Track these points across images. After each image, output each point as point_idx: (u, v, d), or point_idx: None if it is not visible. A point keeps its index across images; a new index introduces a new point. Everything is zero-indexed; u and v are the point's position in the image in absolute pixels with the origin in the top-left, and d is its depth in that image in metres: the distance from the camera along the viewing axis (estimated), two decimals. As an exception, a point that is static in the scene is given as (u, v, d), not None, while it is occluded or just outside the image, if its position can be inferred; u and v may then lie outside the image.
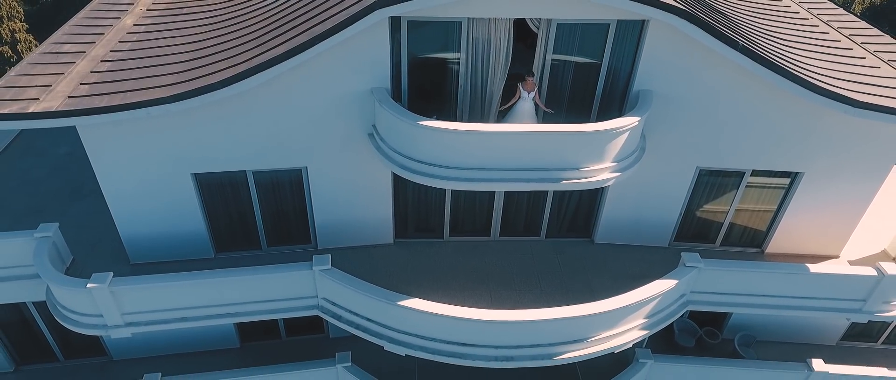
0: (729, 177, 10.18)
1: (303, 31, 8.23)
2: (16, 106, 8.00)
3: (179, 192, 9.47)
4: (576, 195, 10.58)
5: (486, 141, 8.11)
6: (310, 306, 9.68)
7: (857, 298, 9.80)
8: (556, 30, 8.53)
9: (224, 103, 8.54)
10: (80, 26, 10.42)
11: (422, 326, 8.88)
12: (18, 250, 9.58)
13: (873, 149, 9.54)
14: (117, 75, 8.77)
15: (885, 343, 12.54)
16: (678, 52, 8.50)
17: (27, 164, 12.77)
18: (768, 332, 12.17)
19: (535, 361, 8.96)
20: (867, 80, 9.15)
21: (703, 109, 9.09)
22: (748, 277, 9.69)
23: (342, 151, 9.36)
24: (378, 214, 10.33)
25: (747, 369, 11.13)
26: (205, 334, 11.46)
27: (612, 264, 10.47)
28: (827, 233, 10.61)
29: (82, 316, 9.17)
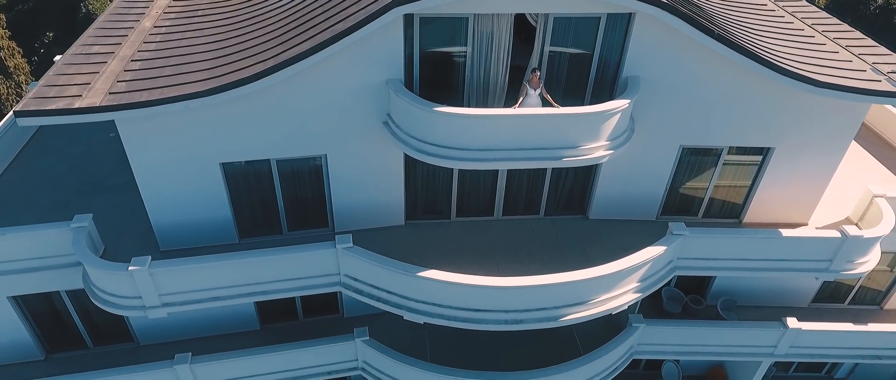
0: (708, 154, 11.24)
1: (325, 28, 9.03)
2: (62, 102, 8.67)
3: (208, 181, 10.18)
4: (571, 175, 11.56)
5: (494, 124, 9.02)
6: (332, 283, 10.50)
7: (825, 258, 10.96)
8: (554, 23, 9.48)
9: (252, 96, 9.29)
10: (103, 30, 11.04)
11: (438, 295, 9.75)
12: (55, 241, 10.22)
13: (834, 125, 10.68)
14: (150, 73, 9.47)
15: (851, 304, 13.80)
16: (662, 42, 9.51)
17: (45, 163, 13.29)
18: (747, 297, 13.34)
19: (542, 323, 9.91)
20: (828, 63, 10.29)
21: (685, 93, 10.12)
22: (728, 243, 10.79)
23: (359, 138, 10.17)
24: (391, 198, 11.16)
25: (730, 329, 12.28)
26: (227, 318, 12.18)
27: (605, 237, 11.45)
28: (796, 203, 11.75)
29: (121, 298, 9.84)
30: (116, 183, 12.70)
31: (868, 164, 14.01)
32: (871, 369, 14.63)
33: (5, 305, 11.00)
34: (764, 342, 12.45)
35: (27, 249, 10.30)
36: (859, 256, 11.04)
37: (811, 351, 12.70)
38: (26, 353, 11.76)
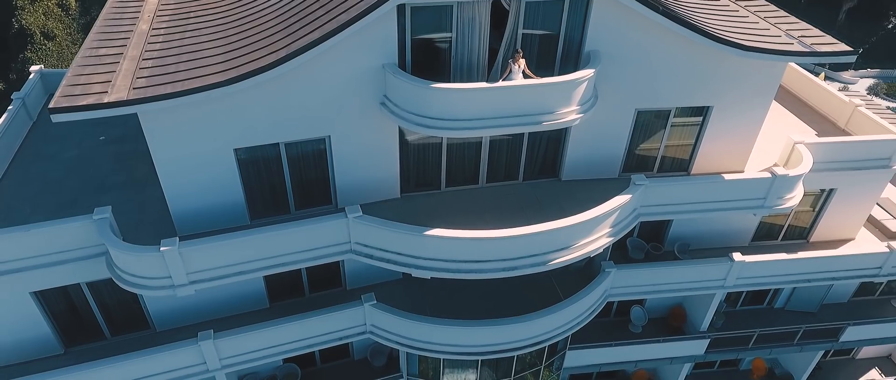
0: (659, 116, 13.04)
1: (328, 20, 10.16)
2: (91, 98, 9.43)
3: (222, 166, 11.10)
4: (544, 143, 13.10)
5: (484, 95, 10.41)
6: (344, 251, 11.63)
7: (760, 196, 12.99)
8: (526, 8, 10.96)
9: (263, 85, 10.28)
10: (104, 34, 11.71)
11: (443, 251, 11.07)
12: (77, 234, 10.86)
13: (759, 83, 12.67)
14: (165, 69, 10.32)
15: (783, 240, 16.05)
16: (616, 19, 11.15)
17: (41, 167, 13.70)
18: (698, 240, 15.34)
19: (534, 267, 11.40)
20: (751, 31, 12.25)
21: (637, 62, 11.82)
22: (681, 189, 12.65)
23: (359, 118, 11.33)
24: (387, 173, 12.37)
25: (686, 267, 14.21)
26: (239, 298, 13.05)
27: (578, 194, 13.04)
28: (733, 153, 13.74)
29: (151, 279, 10.63)
30: (117, 181, 13.31)
31: (788, 119, 16.35)
32: (804, 295, 16.95)
33: (28, 301, 11.50)
34: (715, 276, 14.45)
35: (50, 244, 10.88)
36: (787, 193, 13.14)
37: (754, 281, 14.82)
38: (47, 348, 12.25)
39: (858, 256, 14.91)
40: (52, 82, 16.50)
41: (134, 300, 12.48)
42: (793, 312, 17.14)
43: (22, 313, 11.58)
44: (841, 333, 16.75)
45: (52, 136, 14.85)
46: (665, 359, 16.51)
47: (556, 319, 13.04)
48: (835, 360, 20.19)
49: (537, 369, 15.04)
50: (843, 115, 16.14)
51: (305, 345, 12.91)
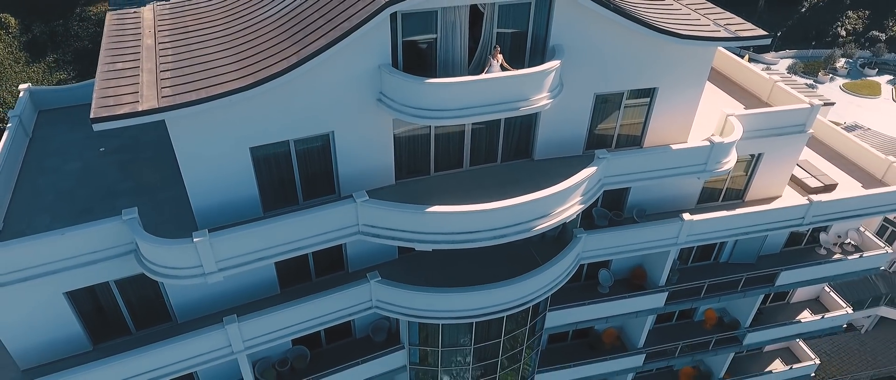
0: (614, 99, 15.07)
1: (330, 29, 11.58)
2: (126, 107, 10.54)
3: (239, 164, 12.33)
4: (518, 128, 14.89)
5: (470, 87, 12.07)
6: (353, 233, 13.07)
7: (702, 162, 15.25)
8: (498, 10, 12.71)
9: (275, 89, 11.60)
10: (115, 50, 12.73)
11: (441, 225, 12.70)
12: (109, 234, 11.89)
13: (694, 66, 14.87)
14: (185, 79, 11.50)
15: (723, 201, 18.49)
16: (575, 17, 13.05)
17: (49, 180, 14.44)
18: (652, 206, 17.55)
19: (519, 234, 13.19)
20: (686, 22, 14.44)
21: (594, 53, 13.77)
22: (637, 159, 14.76)
23: (358, 114, 12.79)
24: (383, 162, 13.87)
25: (644, 228, 16.37)
26: (253, 287, 14.27)
27: (550, 171, 14.89)
28: (677, 128, 15.95)
29: (183, 269, 11.76)
30: (126, 188, 14.24)
31: (720, 96, 18.85)
32: (743, 248, 19.50)
33: (61, 301, 12.37)
34: (669, 235, 16.68)
35: (83, 246, 11.82)
36: (723, 158, 15.47)
37: (702, 236, 17.16)
38: (78, 345, 13.10)
39: (785, 209, 17.50)
40: (41, 99, 17.12)
41: (157, 295, 13.50)
42: (735, 264, 19.69)
43: (55, 313, 12.43)
44: (776, 278, 19.40)
45: (52, 150, 15.54)
46: (631, 313, 18.70)
47: (539, 281, 14.88)
48: (773, 305, 23.04)
49: (523, 331, 16.87)
50: (765, 90, 18.76)
51: (318, 323, 14.25)
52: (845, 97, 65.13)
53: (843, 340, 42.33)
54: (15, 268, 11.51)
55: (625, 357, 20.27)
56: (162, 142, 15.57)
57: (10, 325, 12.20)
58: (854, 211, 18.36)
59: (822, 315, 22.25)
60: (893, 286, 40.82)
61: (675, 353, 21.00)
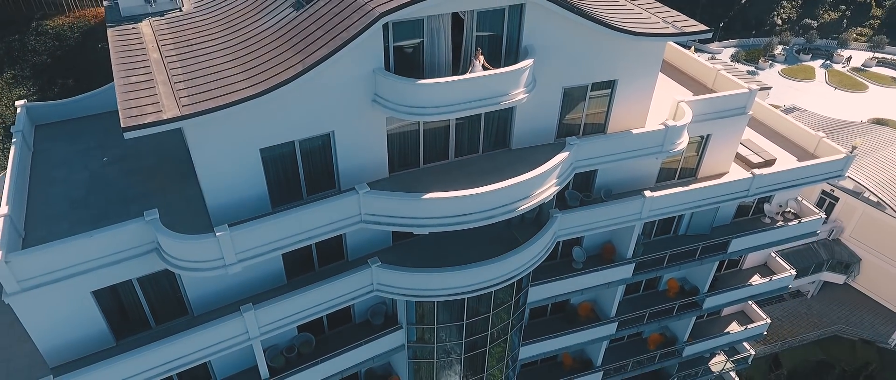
0: (580, 91, 16.87)
1: (330, 38, 12.91)
2: (152, 117, 11.64)
3: (250, 164, 13.53)
4: (496, 121, 16.50)
5: (456, 86, 13.61)
6: (356, 222, 14.43)
7: (659, 143, 17.24)
8: (476, 16, 14.29)
9: (284, 94, 12.86)
10: (126, 65, 13.71)
11: (436, 209, 14.20)
12: (133, 235, 12.91)
13: (648, 59, 16.82)
14: (199, 88, 12.64)
15: (679, 179, 20.61)
16: (544, 20, 14.75)
17: (60, 190, 15.24)
18: (617, 186, 19.47)
19: (505, 215, 14.82)
20: (639, 21, 16.35)
21: (561, 51, 15.51)
22: (603, 144, 16.62)
23: (356, 114, 14.15)
24: (378, 157, 15.26)
25: (612, 206, 18.27)
26: (262, 278, 15.43)
27: (527, 158, 16.57)
28: (635, 114, 17.89)
29: (205, 262, 12.89)
30: (137, 194, 15.18)
31: (671, 84, 20.98)
32: (698, 221, 21.70)
33: (88, 300, 13.28)
34: (634, 210, 18.64)
35: (109, 247, 12.80)
36: (677, 139, 17.50)
37: (662, 210, 19.19)
38: (102, 342, 14.00)
39: (732, 183, 19.73)
40: (36, 114, 17.78)
41: (175, 291, 14.52)
42: (692, 235, 21.88)
43: (83, 311, 13.33)
44: (728, 245, 21.70)
45: (56, 162, 16.29)
46: (603, 285, 20.62)
47: (521, 257, 16.53)
48: (727, 272, 25.45)
49: (509, 306, 18.54)
50: (710, 77, 20.99)
51: (326, 307, 15.53)
52: (784, 82, 69.70)
53: (792, 305, 45.89)
54: (46, 271, 12.41)
55: (599, 326, 22.22)
56: (160, 150, 16.57)
57: (42, 325, 13.06)
58: (791, 182, 20.79)
59: (770, 278, 24.78)
60: (833, 253, 44.57)
61: (643, 320, 23.09)
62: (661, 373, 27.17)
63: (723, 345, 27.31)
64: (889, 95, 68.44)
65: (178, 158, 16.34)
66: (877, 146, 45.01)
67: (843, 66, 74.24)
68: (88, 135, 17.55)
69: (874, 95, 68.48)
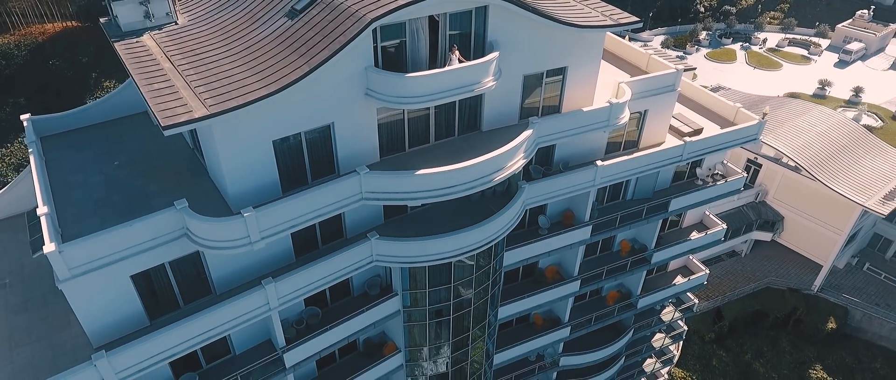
0: (537, 78, 19.67)
1: (329, 42, 15.11)
2: (184, 116, 13.54)
3: (265, 155, 15.56)
4: (469, 107, 19.08)
5: (438, 77, 16.08)
6: (357, 200, 16.68)
7: (605, 119, 20.29)
8: (449, 17, 16.81)
9: (292, 91, 14.96)
10: (144, 74, 15.43)
11: (426, 183, 16.63)
12: (166, 222, 14.72)
13: (591, 48, 19.82)
14: (219, 90, 14.59)
15: (624, 150, 23.84)
16: (505, 19, 17.41)
17: (81, 193, 16.70)
18: (573, 159, 22.45)
19: (484, 185, 17.42)
20: (582, 15, 19.29)
21: (520, 43, 18.20)
22: (560, 121, 19.50)
23: (352, 107, 16.40)
24: (371, 144, 17.55)
25: (570, 175, 21.22)
26: (274, 258, 17.43)
27: (496, 138, 19.19)
28: (584, 95, 20.88)
29: (233, 241, 14.86)
30: (154, 190, 16.88)
31: (612, 69, 24.18)
32: (642, 185, 25.04)
33: (127, 283, 14.98)
34: (588, 178, 21.66)
35: (145, 234, 14.56)
36: (620, 114, 20.61)
37: (611, 177, 22.30)
38: (138, 322, 15.69)
39: (668, 150, 23.09)
40: (40, 127, 19.07)
41: (200, 273, 16.34)
42: (638, 199, 25.21)
43: (123, 294, 15.02)
44: (668, 205, 25.14)
45: (70, 169, 17.70)
46: (566, 246, 23.60)
47: (498, 223, 19.17)
48: (670, 231, 29.05)
49: (487, 270, 21.19)
50: (644, 61, 24.32)
51: (333, 278, 17.68)
52: (709, 64, 75.73)
53: (729, 264, 50.94)
54: (92, 258, 14.07)
55: (565, 284, 25.25)
56: (164, 153, 18.31)
57: (88, 308, 14.67)
58: (716, 146, 24.42)
59: (706, 232, 28.55)
60: (760, 214, 49.81)
61: (602, 276, 26.29)
62: (620, 326, 30.59)
63: (670, 296, 31.02)
64: (800, 72, 75.69)
65: (182, 159, 18.10)
66: (791, 117, 50.59)
67: (760, 48, 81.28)
68: (93, 143, 18.98)
69: (788, 72, 75.55)
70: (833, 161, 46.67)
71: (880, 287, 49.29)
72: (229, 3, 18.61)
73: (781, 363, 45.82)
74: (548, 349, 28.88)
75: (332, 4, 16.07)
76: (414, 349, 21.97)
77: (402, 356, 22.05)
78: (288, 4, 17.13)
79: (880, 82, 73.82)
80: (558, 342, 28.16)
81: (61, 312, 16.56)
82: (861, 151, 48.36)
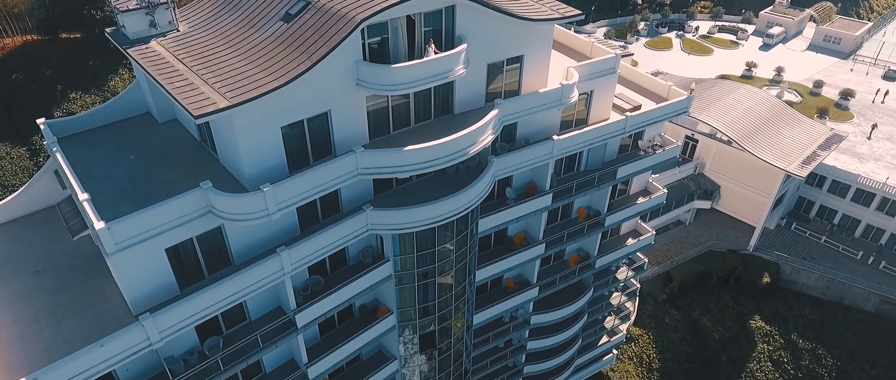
0: (499, 65, 22.88)
1: (327, 40, 17.84)
2: (210, 107, 16.03)
3: (275, 140, 18.16)
4: (442, 93, 22.12)
5: (418, 67, 19.02)
6: (354, 175, 19.48)
7: (558, 99, 23.72)
8: (423, 16, 19.80)
9: (297, 83, 17.61)
10: (164, 74, 17.76)
11: (414, 157, 19.57)
12: (195, 201, 17.14)
13: (543, 38, 23.14)
14: (234, 84, 17.12)
15: (575, 126, 27.40)
16: (470, 15, 20.50)
17: (106, 184, 18.82)
18: (533, 136, 25.81)
19: (461, 158, 20.49)
20: (534, 11, 22.60)
21: (483, 36, 21.31)
22: (520, 101, 22.80)
23: (345, 95, 19.17)
24: (361, 128, 20.35)
25: (531, 149, 24.58)
26: (282, 232, 20.00)
27: (467, 119, 22.31)
28: (539, 79, 24.24)
29: (253, 213, 17.41)
30: (173, 178, 19.17)
31: (561, 57, 27.72)
32: (593, 157, 28.70)
33: (162, 256, 17.30)
34: (547, 151, 25.07)
35: (176, 212, 16.93)
36: (570, 94, 24.08)
37: (566, 149, 25.77)
38: (170, 291, 18.00)
39: (612, 124, 26.79)
40: (58, 128, 20.95)
41: (221, 246, 18.75)
42: (590, 169, 28.86)
43: (158, 266, 17.32)
44: (616, 172, 28.89)
45: (90, 164, 19.73)
46: (531, 213, 26.97)
47: (473, 192, 22.27)
48: (620, 197, 32.91)
49: (465, 235, 24.29)
50: (588, 49, 27.96)
51: (334, 246, 20.38)
52: (648, 52, 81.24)
53: (675, 232, 55.89)
54: (134, 234, 16.36)
55: (532, 248, 28.65)
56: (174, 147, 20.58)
57: (130, 279, 16.93)
58: (653, 119, 28.33)
59: (650, 196, 32.56)
60: (700, 185, 54.92)
61: (563, 240, 29.84)
62: (581, 285, 34.30)
63: (623, 256, 34.98)
64: (730, 55, 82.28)
65: (189, 152, 20.44)
66: (722, 96, 55.93)
67: (693, 36, 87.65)
68: (105, 142, 21.03)
69: (719, 56, 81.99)
70: (759, 133, 52.12)
71: (806, 244, 55.25)
72: (225, 10, 21.02)
73: (725, 317, 50.96)
74: (520, 310, 32.28)
75: (324, 8, 18.80)
76: (405, 310, 24.86)
77: (394, 317, 24.90)
78: (282, 10, 19.74)
79: (799, 62, 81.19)
80: (528, 302, 31.59)
81: (96, 289, 18.64)
82: (782, 124, 54.08)
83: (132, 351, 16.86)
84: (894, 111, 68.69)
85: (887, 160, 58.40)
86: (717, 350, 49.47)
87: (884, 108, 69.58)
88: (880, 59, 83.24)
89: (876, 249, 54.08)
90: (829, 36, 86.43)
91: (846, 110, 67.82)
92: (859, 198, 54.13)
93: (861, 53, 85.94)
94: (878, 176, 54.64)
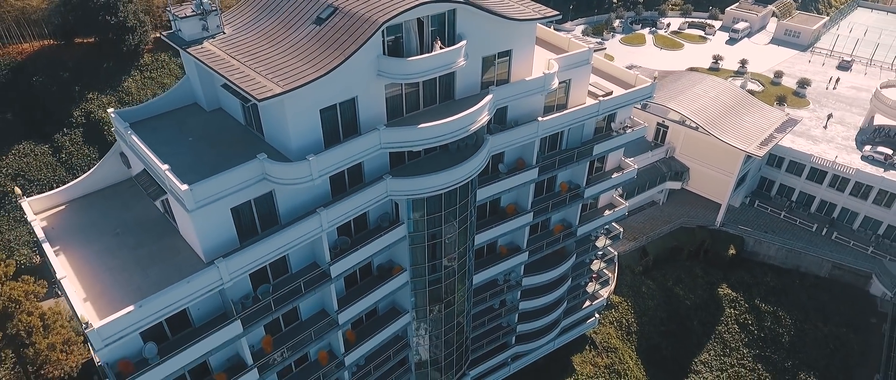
0: (491, 58, 27.34)
1: (355, 38, 22.14)
2: (270, 92, 20.26)
3: (314, 120, 22.43)
4: (446, 81, 26.53)
5: (429, 60, 23.42)
6: (378, 149, 23.83)
7: (542, 86, 28.28)
8: (430, 19, 24.20)
9: (333, 74, 21.87)
10: (223, 67, 21.92)
11: (427, 133, 23.97)
12: (253, 169, 21.35)
13: (528, 35, 27.68)
14: (283, 73, 21.36)
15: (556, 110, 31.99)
16: (468, 17, 24.93)
17: (174, 159, 22.74)
18: (522, 118, 30.34)
19: (464, 134, 24.94)
20: (519, 12, 27.12)
21: (478, 33, 25.73)
22: (510, 88, 27.33)
23: (369, 84, 23.49)
24: (381, 111, 24.69)
25: (520, 129, 29.14)
26: (318, 198, 24.24)
27: (466, 103, 26.72)
28: (525, 70, 28.76)
29: (300, 178, 21.68)
30: (230, 155, 23.25)
31: (544, 51, 32.31)
32: (573, 136, 33.33)
33: (228, 215, 21.47)
34: (533, 131, 29.62)
35: (239, 178, 21.11)
36: (552, 81, 28.66)
37: (549, 129, 30.39)
38: (232, 244, 22.16)
39: (588, 107, 31.47)
40: (127, 116, 24.96)
41: (271, 209, 22.94)
42: (570, 148, 33.50)
43: (225, 223, 21.49)
44: (593, 150, 33.58)
45: (156, 143, 23.73)
46: (520, 185, 31.51)
47: (473, 163, 26.69)
48: (597, 173, 37.63)
49: (466, 201, 28.73)
50: (566, 44, 32.60)
51: (360, 209, 24.71)
52: (623, 48, 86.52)
53: (650, 212, 60.97)
54: (208, 195, 20.51)
55: (521, 216, 33.22)
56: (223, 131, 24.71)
57: (204, 231, 21.08)
58: (623, 103, 33.09)
59: (622, 171, 37.34)
60: (671, 167, 60.10)
61: (548, 209, 34.45)
62: (565, 251, 38.97)
63: (601, 226, 39.75)
64: (699, 50, 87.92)
65: (237, 134, 24.58)
66: (690, 86, 61.17)
67: (664, 32, 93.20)
68: (164, 127, 25.08)
69: (688, 50, 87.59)
70: (723, 119, 57.38)
71: (767, 219, 60.73)
72: (263, 16, 25.21)
73: (696, 285, 56.13)
74: (512, 273, 36.83)
75: (350, 13, 23.10)
76: (416, 266, 29.23)
77: (407, 274, 29.26)
78: (313, 14, 23.99)
79: (762, 54, 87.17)
80: (519, 265, 36.16)
81: (169, 246, 22.72)
82: (744, 110, 59.46)
83: (208, 289, 21.02)
84: (845, 97, 74.83)
85: (838, 142, 64.20)
86: (689, 315, 54.59)
87: (835, 94, 75.70)
88: (835, 51, 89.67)
89: (828, 221, 59.77)
90: (790, 30, 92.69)
91: (803, 98, 73.71)
92: (813, 176, 59.76)
93: (818, 46, 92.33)
94: (828, 155, 60.33)
